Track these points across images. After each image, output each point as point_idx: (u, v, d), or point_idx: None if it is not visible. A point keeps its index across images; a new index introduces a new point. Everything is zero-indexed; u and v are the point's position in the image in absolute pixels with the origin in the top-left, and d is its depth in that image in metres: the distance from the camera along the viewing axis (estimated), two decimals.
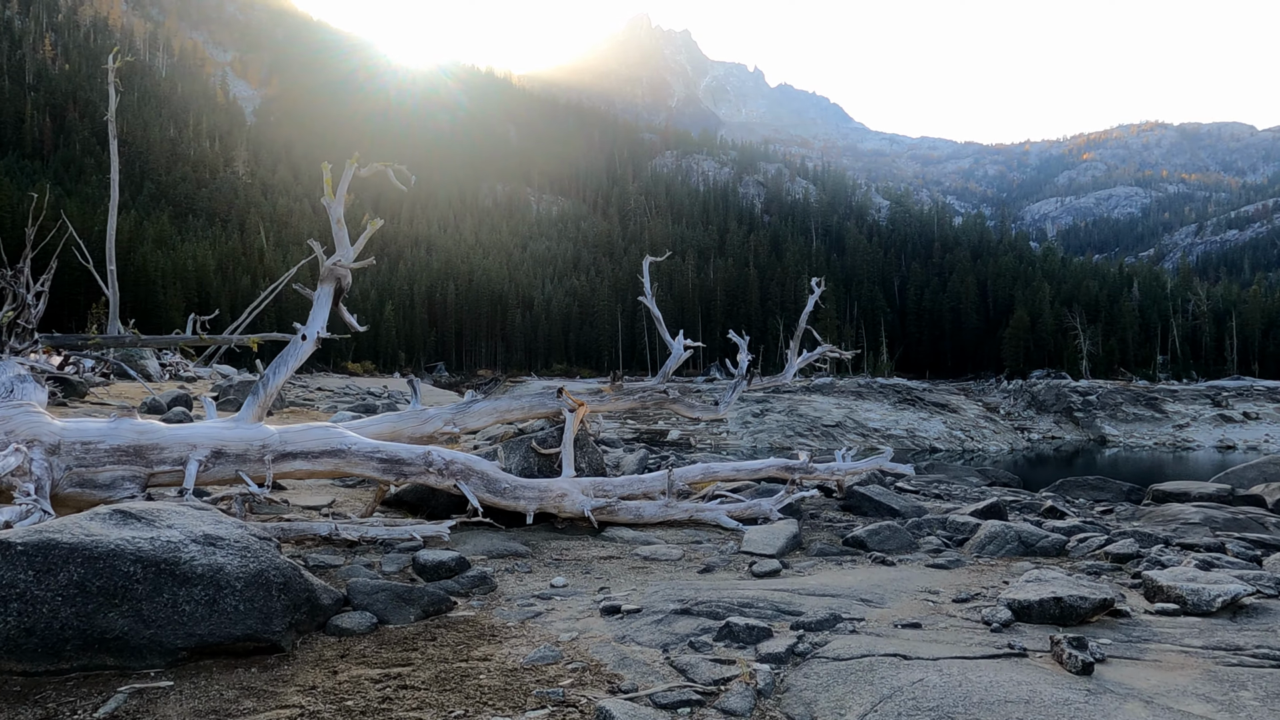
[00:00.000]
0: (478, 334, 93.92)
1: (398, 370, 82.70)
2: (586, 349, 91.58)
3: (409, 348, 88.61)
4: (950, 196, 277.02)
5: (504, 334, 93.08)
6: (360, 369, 78.32)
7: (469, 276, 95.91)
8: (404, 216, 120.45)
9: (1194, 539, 9.27)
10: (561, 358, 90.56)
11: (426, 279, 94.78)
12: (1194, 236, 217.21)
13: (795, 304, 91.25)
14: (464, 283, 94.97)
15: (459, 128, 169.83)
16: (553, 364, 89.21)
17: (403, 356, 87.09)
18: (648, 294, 9.20)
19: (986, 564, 5.72)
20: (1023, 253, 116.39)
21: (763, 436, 70.93)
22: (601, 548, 5.99)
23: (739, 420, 75.24)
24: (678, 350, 9.05)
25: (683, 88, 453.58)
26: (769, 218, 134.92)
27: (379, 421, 6.70)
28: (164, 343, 17.33)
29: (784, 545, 5.94)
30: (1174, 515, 11.48)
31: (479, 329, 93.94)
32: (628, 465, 10.41)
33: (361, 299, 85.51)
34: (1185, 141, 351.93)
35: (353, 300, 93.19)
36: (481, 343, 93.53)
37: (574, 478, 6.57)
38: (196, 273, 71.37)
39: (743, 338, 9.80)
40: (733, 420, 75.05)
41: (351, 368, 78.14)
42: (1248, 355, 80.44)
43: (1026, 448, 64.85)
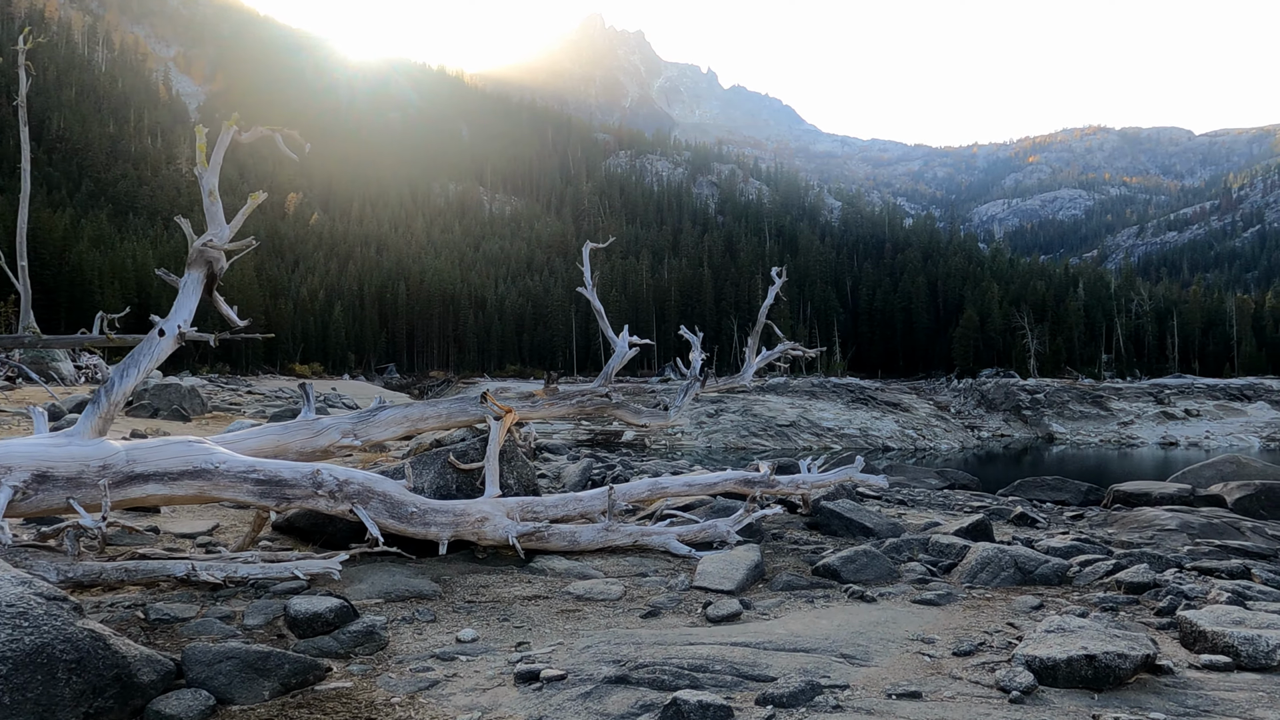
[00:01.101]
0: (430, 335, 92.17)
1: (347, 372, 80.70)
2: (541, 350, 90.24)
3: (359, 349, 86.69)
4: (901, 198, 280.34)
5: (456, 335, 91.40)
6: (308, 371, 76.32)
7: (421, 276, 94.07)
8: (354, 215, 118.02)
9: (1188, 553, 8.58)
10: (515, 359, 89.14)
11: (377, 279, 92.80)
12: (1135, 238, 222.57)
13: (750, 304, 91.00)
14: (415, 283, 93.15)
15: (410, 126, 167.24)
16: (506, 365, 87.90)
17: (352, 358, 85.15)
18: (588, 284, 8.23)
19: (982, 597, 4.88)
20: (972, 254, 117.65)
21: (717, 437, 70.63)
22: (527, 584, 5.02)
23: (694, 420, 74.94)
24: (622, 348, 8.13)
25: (636, 88, 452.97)
26: (723, 218, 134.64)
27: (260, 434, 5.64)
28: (67, 343, 15.96)
29: (744, 577, 5.04)
30: (1148, 521, 10.87)
31: (431, 330, 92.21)
32: (570, 477, 9.44)
33: (310, 299, 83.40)
34: (1126, 145, 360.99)
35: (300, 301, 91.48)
36: (434, 344, 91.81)
37: (498, 498, 5.59)
38: (136, 272, 68.63)
39: (695, 334, 8.88)
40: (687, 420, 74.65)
41: (299, 370, 76.12)
42: (1188, 353, 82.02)
43: (977, 445, 65.44)
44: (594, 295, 8.30)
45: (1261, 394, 69.33)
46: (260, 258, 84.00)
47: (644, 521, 6.35)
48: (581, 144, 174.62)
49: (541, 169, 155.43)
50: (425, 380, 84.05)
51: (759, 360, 9.23)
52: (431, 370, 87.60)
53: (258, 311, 72.69)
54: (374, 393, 64.38)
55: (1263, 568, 5.68)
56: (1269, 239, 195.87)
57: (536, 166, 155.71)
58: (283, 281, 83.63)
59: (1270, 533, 11.21)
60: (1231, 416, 67.69)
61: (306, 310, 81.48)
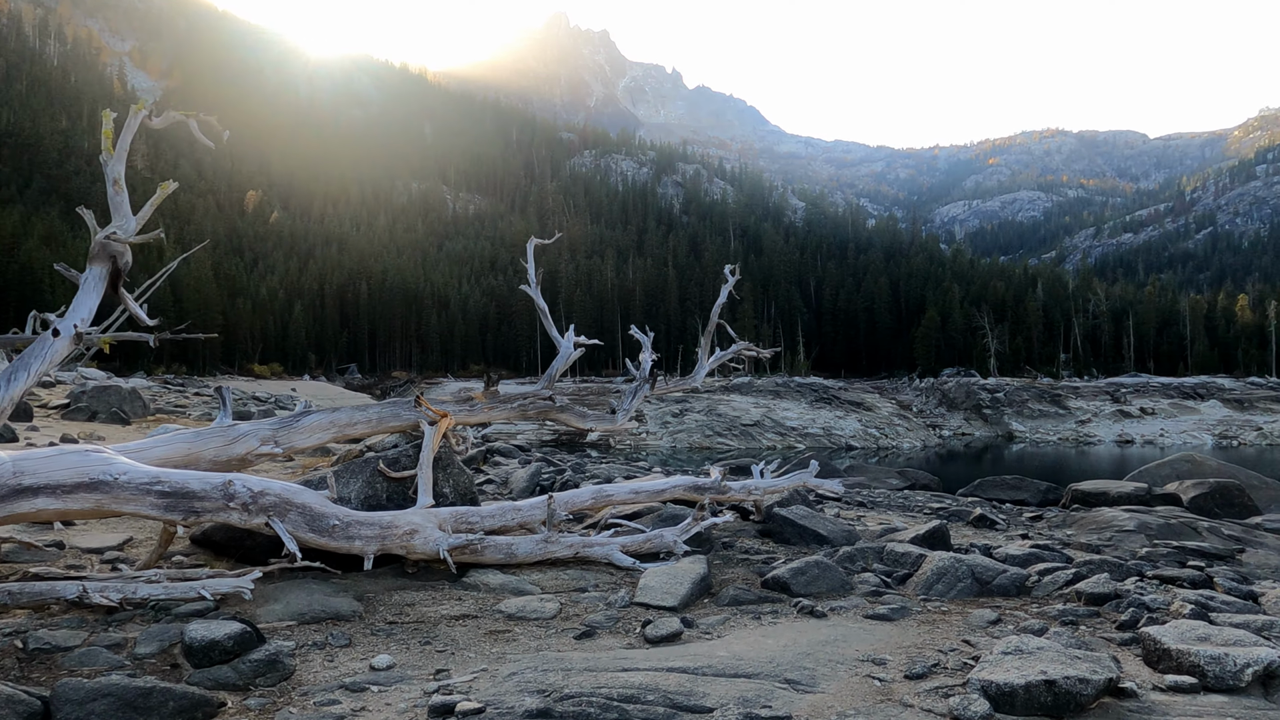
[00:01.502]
0: (392, 335, 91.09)
1: (307, 373, 79.50)
2: (505, 350, 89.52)
3: (320, 349, 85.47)
4: (864, 199, 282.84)
5: (419, 334, 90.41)
6: (267, 371, 75.21)
7: (383, 276, 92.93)
8: (315, 214, 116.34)
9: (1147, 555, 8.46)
10: (479, 358, 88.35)
11: (338, 278, 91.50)
12: (1092, 239, 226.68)
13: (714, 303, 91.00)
14: (378, 282, 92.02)
15: (373, 124, 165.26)
16: (470, 365, 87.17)
17: (313, 358, 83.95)
18: (531, 281, 7.88)
19: (938, 611, 4.64)
20: (933, 254, 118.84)
21: (682, 436, 70.48)
22: (457, 601, 4.69)
23: (658, 420, 74.82)
24: (566, 349, 7.80)
25: (601, 88, 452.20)
26: (687, 218, 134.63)
27: (169, 442, 5.24)
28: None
29: (688, 592, 4.76)
30: (1107, 522, 10.80)
31: (393, 329, 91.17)
32: (517, 483, 9.10)
33: (269, 299, 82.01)
34: (1083, 148, 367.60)
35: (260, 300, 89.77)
36: (396, 344, 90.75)
37: (431, 508, 5.25)
38: None
39: (646, 334, 8.57)
40: (652, 420, 74.56)
41: (258, 370, 74.94)
42: (1144, 353, 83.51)
43: (938, 444, 66.01)
44: (537, 293, 7.96)
45: (1214, 392, 70.84)
46: (218, 256, 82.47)
47: (589, 531, 6.04)
48: (546, 143, 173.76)
49: (506, 168, 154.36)
50: (388, 380, 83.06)
51: (712, 361, 8.95)
52: (394, 370, 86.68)
53: (215, 311, 71.26)
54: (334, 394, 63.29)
55: (1224, 575, 5.52)
56: (1220, 241, 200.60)
57: (500, 165, 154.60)
58: (241, 280, 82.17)
59: (1226, 533, 11.19)
60: (1185, 414, 69.06)
61: (266, 310, 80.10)
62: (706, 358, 8.78)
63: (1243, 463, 47.20)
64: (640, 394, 7.77)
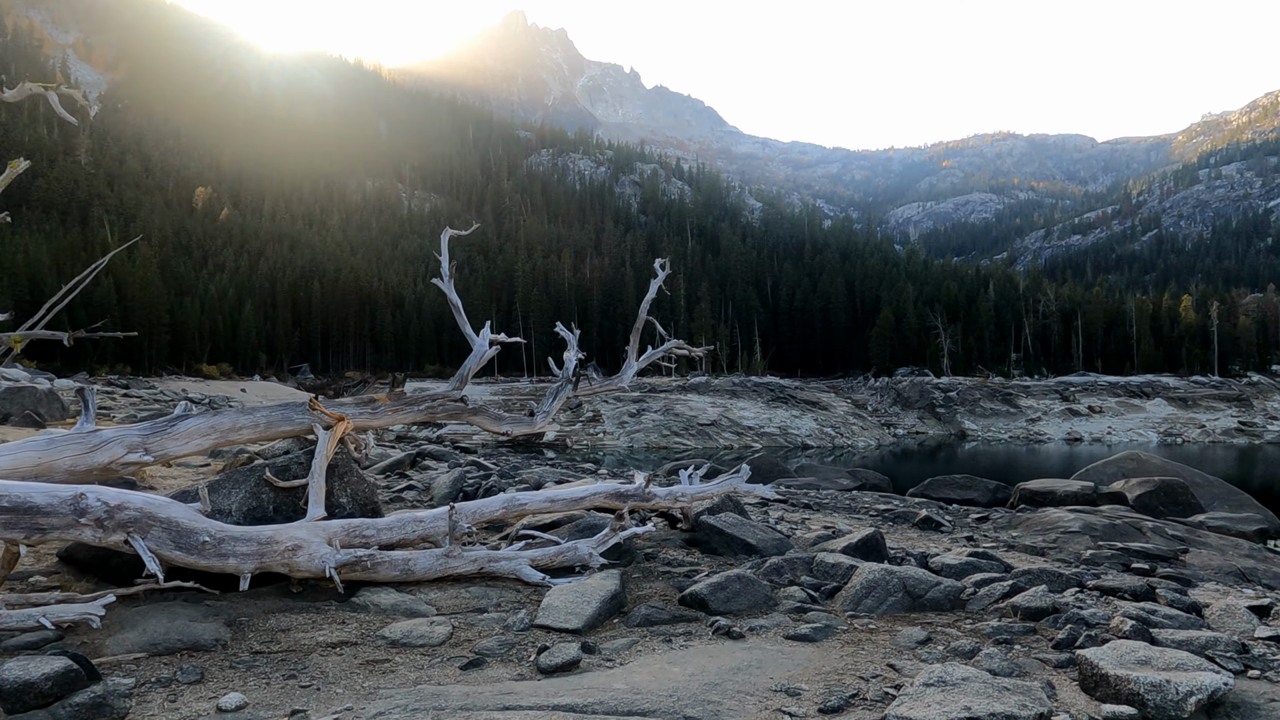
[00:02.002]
0: (345, 334, 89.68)
1: (258, 373, 77.87)
2: (461, 349, 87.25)
3: (271, 349, 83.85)
4: (820, 200, 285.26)
5: (373, 334, 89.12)
6: (216, 372, 73.53)
7: (336, 274, 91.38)
8: (266, 211, 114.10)
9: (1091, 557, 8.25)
10: (434, 358, 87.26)
11: (290, 277, 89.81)
12: (1042, 241, 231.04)
13: (671, 303, 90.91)
14: (331, 281, 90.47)
15: (326, 120, 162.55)
16: (425, 365, 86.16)
17: (264, 358, 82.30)
18: (445, 275, 7.39)
19: (865, 629, 4.30)
20: (888, 255, 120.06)
21: (639, 436, 70.14)
22: (340, 626, 4.24)
23: (615, 420, 74.39)
24: (480, 347, 7.35)
25: (559, 86, 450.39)
26: (645, 217, 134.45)
27: (16, 450, 4.69)
28: None
29: (596, 612, 4.37)
30: (1052, 523, 10.64)
31: (347, 329, 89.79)
32: (440, 488, 8.62)
33: (219, 297, 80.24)
34: (1034, 151, 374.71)
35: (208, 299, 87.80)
36: (350, 343, 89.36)
37: (321, 520, 4.79)
38: (28, 268, 64.60)
39: (573, 332, 8.14)
40: (609, 420, 74.10)
41: (206, 370, 73.26)
42: (1092, 352, 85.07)
43: (893, 443, 66.55)
44: (450, 287, 7.49)
45: (1159, 391, 72.39)
46: (165, 254, 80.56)
47: (500, 544, 5.61)
48: (503, 141, 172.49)
49: (462, 166, 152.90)
50: (341, 380, 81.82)
51: (642, 360, 8.56)
52: (347, 370, 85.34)
53: (161, 310, 69.55)
54: (285, 394, 61.96)
55: (1167, 586, 5.28)
56: (1165, 243, 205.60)
57: (457, 164, 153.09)
58: (190, 279, 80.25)
59: (1170, 533, 11.06)
60: (1132, 413, 70.47)
61: (215, 309, 78.36)
62: (635, 357, 8.38)
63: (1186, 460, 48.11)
64: (562, 395, 7.34)
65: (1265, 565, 9.30)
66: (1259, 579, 8.59)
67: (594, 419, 66.35)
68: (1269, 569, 9.05)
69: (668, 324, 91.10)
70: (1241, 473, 43.36)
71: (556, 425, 65.21)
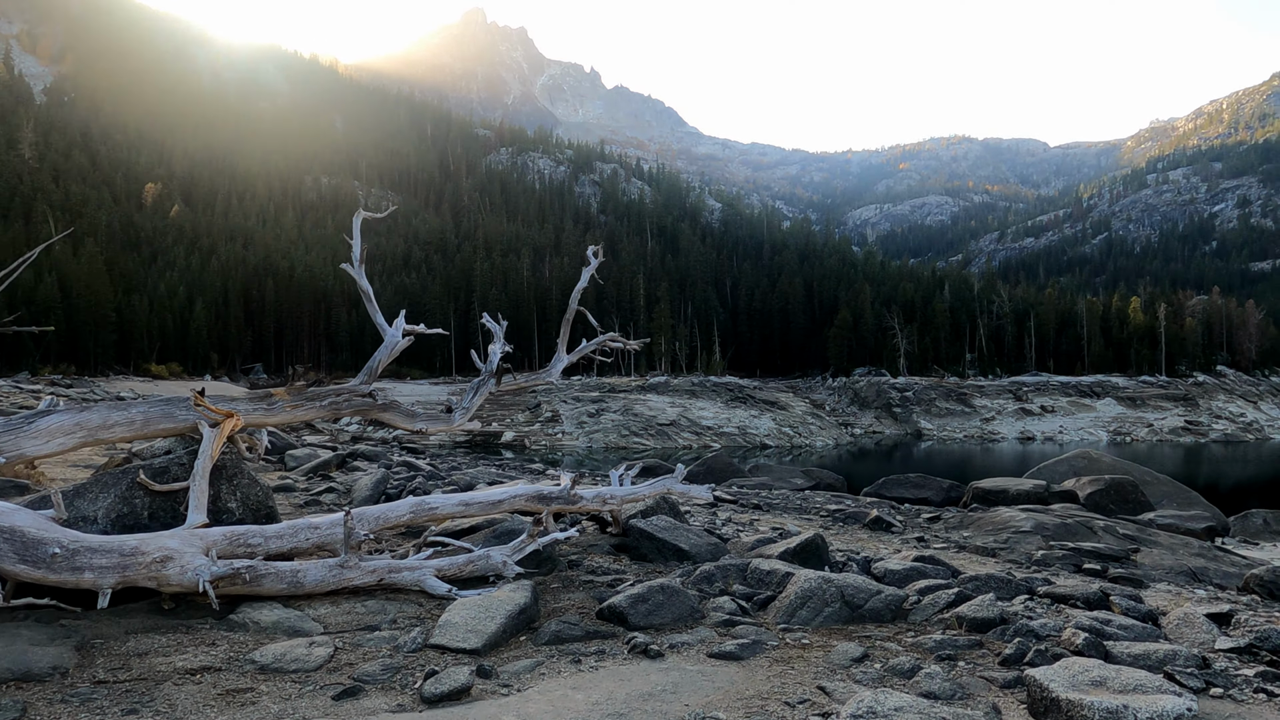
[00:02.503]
0: (300, 333, 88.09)
1: (209, 372, 76.07)
2: (418, 349, 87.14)
3: (223, 348, 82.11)
4: (779, 201, 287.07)
5: (329, 333, 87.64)
6: (165, 372, 71.78)
7: (290, 272, 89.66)
8: (218, 207, 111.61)
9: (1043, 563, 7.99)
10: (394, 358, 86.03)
11: (243, 275, 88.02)
12: (996, 243, 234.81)
13: (631, 303, 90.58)
14: (285, 279, 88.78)
15: (280, 116, 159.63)
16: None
17: (215, 358, 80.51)
18: (355, 260, 6.81)
19: (796, 645, 3.95)
20: (846, 256, 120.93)
21: (598, 436, 69.70)
22: (208, 649, 3.78)
23: (574, 420, 73.84)
24: (392, 338, 6.89)
25: (519, 85, 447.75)
26: (605, 217, 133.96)
27: None
28: None
29: (500, 629, 3.96)
30: (1004, 523, 10.44)
31: (301, 328, 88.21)
32: (361, 491, 8.12)
33: (169, 295, 78.32)
34: (988, 155, 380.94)
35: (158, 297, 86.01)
36: (304, 342, 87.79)
37: (201, 528, 4.31)
38: None
39: (499, 323, 7.67)
40: (568, 420, 73.50)
41: (155, 370, 71.52)
42: (1044, 352, 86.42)
43: (850, 442, 66.89)
44: (361, 273, 6.99)
45: (1109, 390, 73.69)
46: (112, 251, 78.56)
47: (396, 555, 5.15)
48: (462, 140, 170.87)
49: (420, 164, 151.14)
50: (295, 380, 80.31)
51: (574, 354, 8.12)
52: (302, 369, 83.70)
53: (107, 308, 67.78)
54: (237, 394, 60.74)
55: (1120, 593, 5.02)
56: (1115, 246, 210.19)
57: (415, 162, 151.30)
58: (138, 276, 78.23)
59: (1121, 532, 10.88)
60: (1082, 412, 71.63)
61: (165, 307, 76.47)
62: (565, 349, 7.94)
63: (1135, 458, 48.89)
64: (484, 390, 6.90)
65: (1215, 564, 9.15)
66: (1210, 578, 8.43)
67: (553, 419, 65.78)
68: (1219, 568, 8.89)
69: (627, 324, 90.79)
70: (1188, 471, 44.18)
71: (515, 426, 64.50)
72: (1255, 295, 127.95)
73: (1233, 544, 13.72)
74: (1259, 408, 73.35)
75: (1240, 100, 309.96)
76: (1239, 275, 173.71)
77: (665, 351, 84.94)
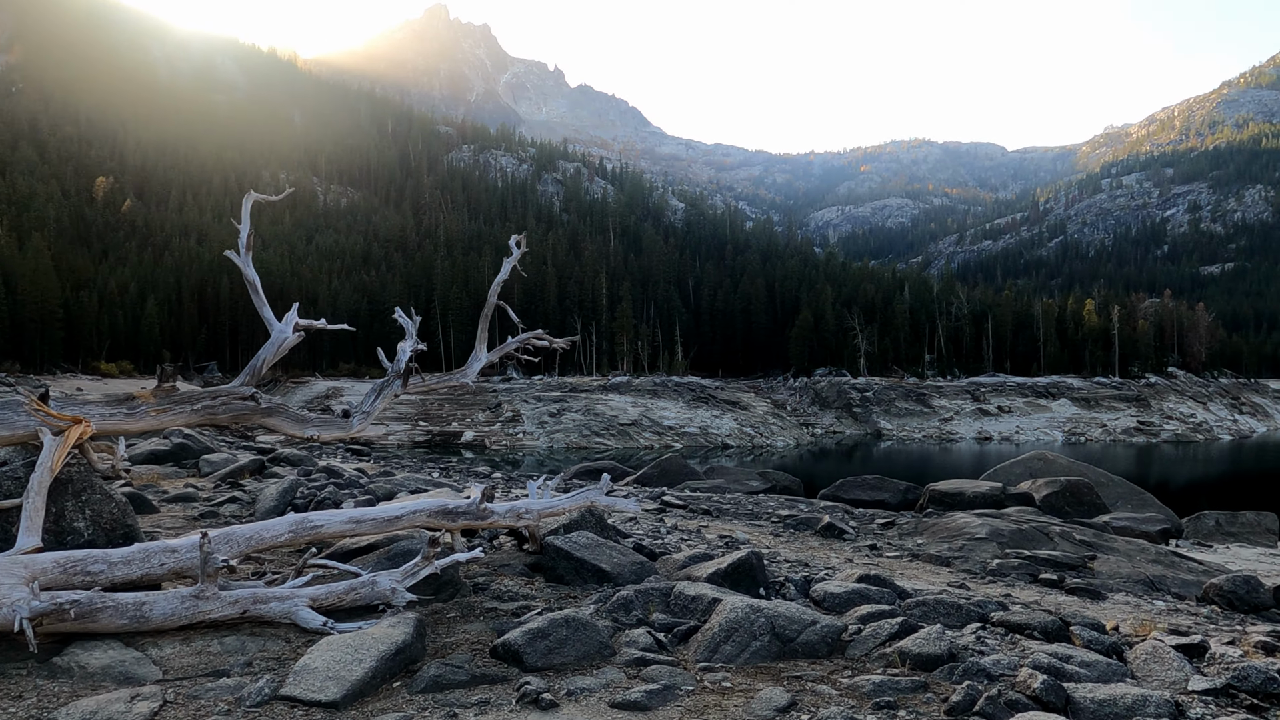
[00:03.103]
0: (255, 331, 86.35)
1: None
2: (376, 346, 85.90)
3: (176, 346, 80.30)
4: (742, 202, 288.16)
5: None
6: (115, 370, 70.13)
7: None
8: (172, 202, 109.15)
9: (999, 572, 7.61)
10: (350, 357, 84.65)
11: (197, 271, 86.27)
12: (955, 245, 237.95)
13: (593, 302, 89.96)
14: (240, 275, 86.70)
15: (237, 110, 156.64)
16: (340, 363, 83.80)
17: (168, 356, 78.56)
18: (242, 247, 6.05)
19: (715, 689, 3.44)
20: (808, 257, 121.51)
21: (559, 436, 69.09)
22: (10, 704, 3.17)
23: (535, 420, 73.09)
24: (280, 333, 6.22)
25: (482, 83, 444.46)
26: (568, 216, 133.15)
27: None
28: None
29: (369, 674, 3.39)
30: (959, 529, 10.09)
31: (257, 326, 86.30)
32: (266, 501, 7.47)
33: (119, 292, 76.39)
34: (948, 158, 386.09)
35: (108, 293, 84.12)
36: (260, 340, 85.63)
37: (31, 553, 3.69)
38: None
39: (412, 319, 6.99)
40: (529, 420, 72.69)
41: (104, 368, 69.88)
42: (1001, 353, 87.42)
43: (811, 442, 66.98)
44: (248, 262, 6.31)
45: (1064, 391, 74.63)
46: (61, 246, 76.57)
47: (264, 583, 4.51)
48: (423, 136, 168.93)
49: (380, 160, 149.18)
50: (165, 379, 78.68)
51: (494, 352, 7.50)
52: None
53: (54, 304, 66.09)
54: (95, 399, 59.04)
55: (1081, 623, 4.59)
56: (1070, 249, 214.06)
57: (375, 158, 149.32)
58: (88, 272, 76.25)
59: (1078, 538, 10.55)
60: (1038, 413, 72.45)
61: (115, 304, 74.65)
62: (484, 347, 7.31)
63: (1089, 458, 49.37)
64: (388, 392, 6.26)
65: (1172, 571, 8.85)
66: (1168, 587, 8.12)
67: (514, 419, 65.03)
68: (1176, 576, 8.59)
69: (589, 324, 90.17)
70: (1140, 471, 44.73)
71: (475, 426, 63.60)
72: (1205, 298, 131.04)
73: (1186, 546, 13.56)
74: (1208, 409, 74.75)
75: (1191, 108, 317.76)
76: (1189, 279, 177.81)
77: (628, 351, 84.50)
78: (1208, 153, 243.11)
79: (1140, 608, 6.10)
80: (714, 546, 7.90)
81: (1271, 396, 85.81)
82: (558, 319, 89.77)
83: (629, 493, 10.07)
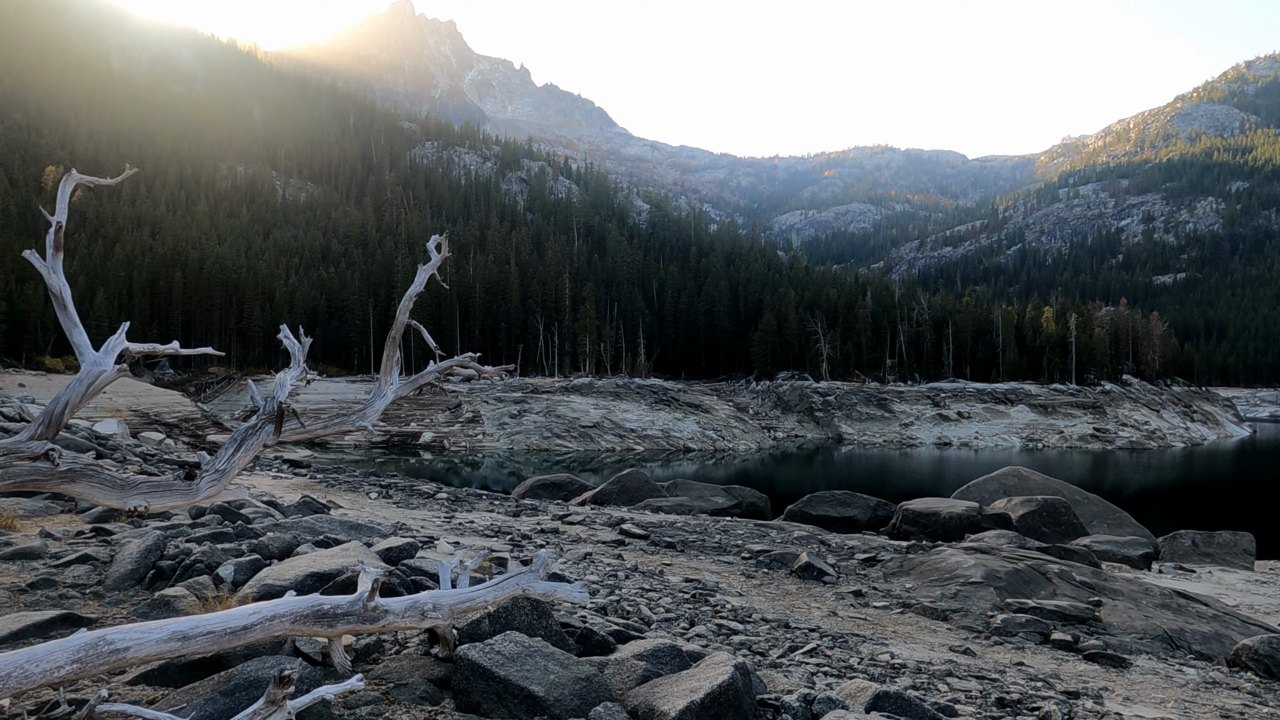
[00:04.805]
0: (210, 327, 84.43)
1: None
2: (335, 346, 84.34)
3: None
4: (707, 204, 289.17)
5: (241, 328, 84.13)
6: (61, 365, 67.98)
7: (200, 264, 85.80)
8: (124, 194, 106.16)
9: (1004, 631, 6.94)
10: (307, 355, 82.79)
11: (149, 265, 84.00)
12: (917, 251, 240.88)
13: (556, 303, 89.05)
14: (195, 271, 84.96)
15: (195, 101, 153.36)
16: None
17: None
18: (49, 247, 4.29)
19: None
20: (771, 260, 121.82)
21: (520, 438, 67.83)
22: None
23: (495, 421, 71.76)
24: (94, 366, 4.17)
25: (447, 79, 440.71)
26: (532, 215, 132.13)
27: None
28: None
29: None
30: (951, 570, 9.47)
31: (211, 322, 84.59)
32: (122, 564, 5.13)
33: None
34: (910, 165, 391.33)
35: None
36: (214, 337, 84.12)
37: None
38: None
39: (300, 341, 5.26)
40: (489, 421, 71.31)
41: (49, 363, 67.84)
42: (961, 359, 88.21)
43: (773, 446, 66.61)
44: (55, 268, 4.48)
45: (1022, 398, 75.34)
46: (7, 237, 74.05)
47: None
48: (386, 132, 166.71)
49: (342, 156, 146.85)
50: (203, 376, 76.99)
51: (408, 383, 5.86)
52: (211, 366, 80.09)
53: None
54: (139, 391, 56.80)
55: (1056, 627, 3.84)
56: (1029, 257, 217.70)
57: (336, 153, 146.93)
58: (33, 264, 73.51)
59: (1078, 578, 9.96)
60: (997, 419, 73.00)
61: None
62: (394, 372, 5.76)
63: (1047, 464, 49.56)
64: (254, 442, 4.46)
65: (1184, 620, 8.29)
66: (1189, 644, 7.53)
67: (474, 420, 63.87)
68: (1192, 627, 8.04)
69: (552, 324, 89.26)
70: (1098, 478, 44.98)
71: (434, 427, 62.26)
72: (1158, 307, 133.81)
73: (1170, 572, 13.15)
74: (1161, 416, 75.97)
75: (1146, 120, 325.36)
76: (1143, 288, 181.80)
77: (590, 352, 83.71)
78: (1161, 165, 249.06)
79: (1173, 680, 5.47)
80: (680, 602, 7.06)
81: (1221, 405, 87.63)
82: (520, 318, 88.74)
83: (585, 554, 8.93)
